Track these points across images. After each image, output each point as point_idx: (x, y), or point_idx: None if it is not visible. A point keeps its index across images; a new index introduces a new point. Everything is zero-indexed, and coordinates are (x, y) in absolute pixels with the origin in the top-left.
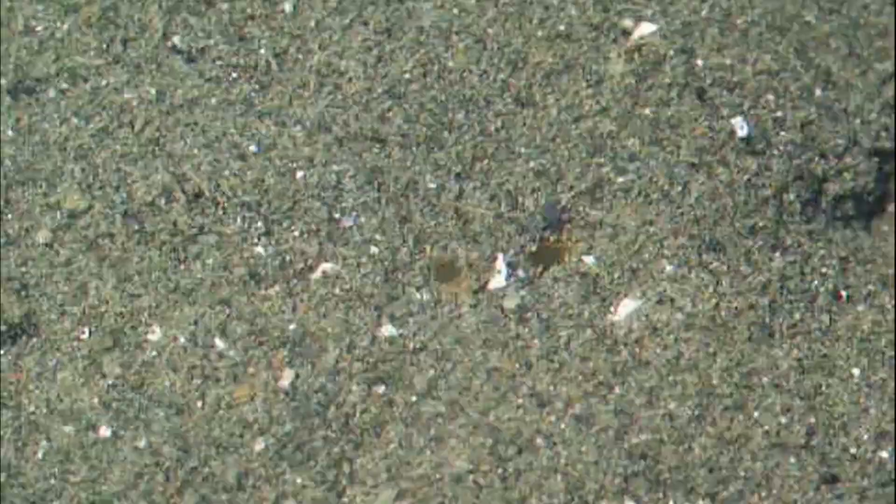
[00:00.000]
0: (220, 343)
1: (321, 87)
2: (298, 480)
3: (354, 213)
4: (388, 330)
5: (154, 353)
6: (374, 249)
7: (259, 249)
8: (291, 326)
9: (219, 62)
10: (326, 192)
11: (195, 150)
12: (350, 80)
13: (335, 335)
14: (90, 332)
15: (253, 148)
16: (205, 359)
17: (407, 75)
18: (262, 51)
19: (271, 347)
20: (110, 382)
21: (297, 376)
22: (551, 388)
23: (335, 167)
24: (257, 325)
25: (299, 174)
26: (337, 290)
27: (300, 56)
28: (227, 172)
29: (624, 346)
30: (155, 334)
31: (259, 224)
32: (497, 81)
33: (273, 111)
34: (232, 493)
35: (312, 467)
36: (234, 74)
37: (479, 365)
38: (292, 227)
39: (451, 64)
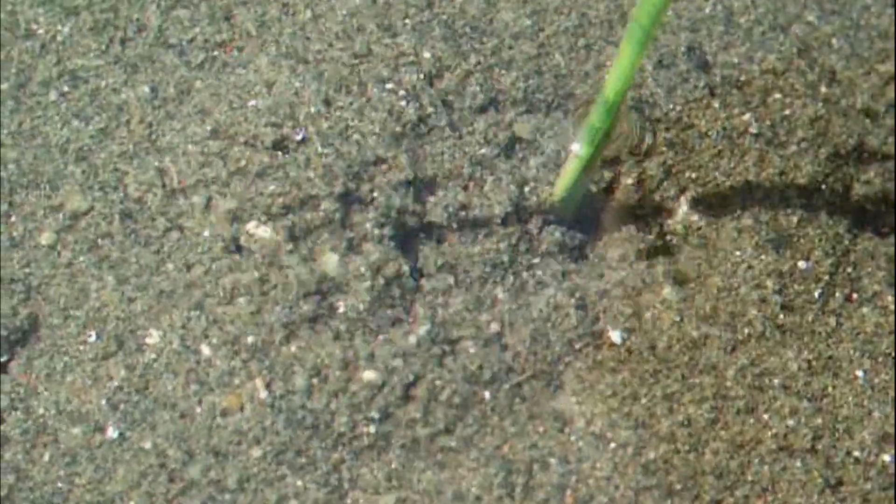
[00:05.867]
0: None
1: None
2: (299, 483)
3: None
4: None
5: (153, 355)
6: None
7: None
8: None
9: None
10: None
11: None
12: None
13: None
14: (96, 335)
15: None
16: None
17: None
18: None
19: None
20: (117, 384)
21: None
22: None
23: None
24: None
25: None
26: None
27: None
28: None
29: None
30: (152, 338)
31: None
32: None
33: None
34: (234, 493)
35: (314, 471)
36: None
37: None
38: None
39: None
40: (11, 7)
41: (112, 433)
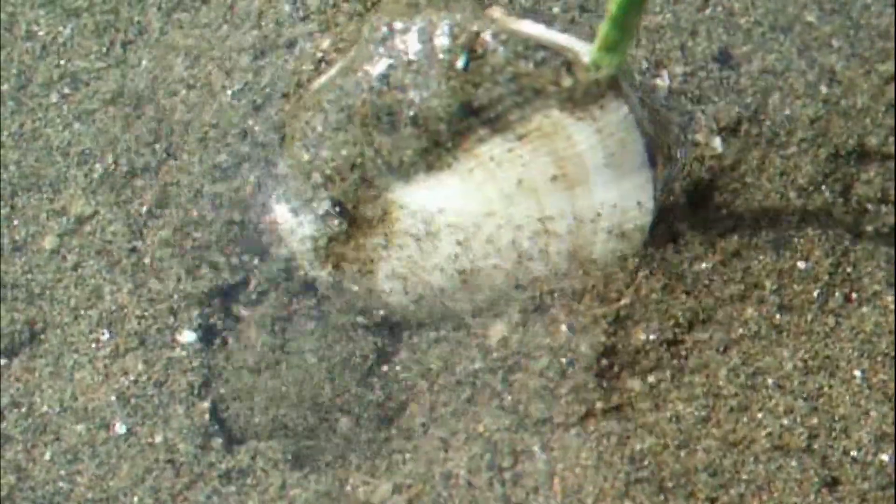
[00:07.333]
0: None
1: None
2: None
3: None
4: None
5: (183, 353)
6: None
7: None
8: None
9: None
10: None
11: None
12: None
13: None
14: (110, 333)
15: None
16: None
17: None
18: None
19: None
20: (132, 379)
21: None
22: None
23: None
24: None
25: None
26: None
27: None
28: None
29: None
30: (185, 336)
31: None
32: None
33: None
34: (241, 480)
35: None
36: None
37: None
38: None
39: None
40: (12, 8)
41: (119, 429)
